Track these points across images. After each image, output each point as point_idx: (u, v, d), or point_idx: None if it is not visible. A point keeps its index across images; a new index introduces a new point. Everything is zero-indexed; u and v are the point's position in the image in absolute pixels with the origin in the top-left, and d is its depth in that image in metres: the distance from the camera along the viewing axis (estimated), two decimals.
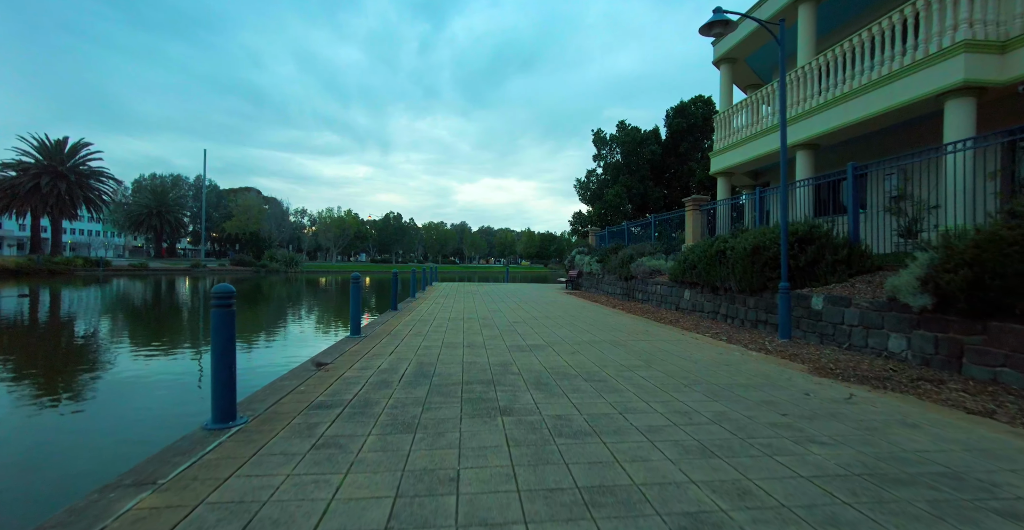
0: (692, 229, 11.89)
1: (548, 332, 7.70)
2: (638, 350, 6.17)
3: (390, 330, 7.78)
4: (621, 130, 26.34)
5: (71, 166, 42.25)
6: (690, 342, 6.87)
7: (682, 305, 10.49)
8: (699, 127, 25.65)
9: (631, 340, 6.97)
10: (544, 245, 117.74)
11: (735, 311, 8.55)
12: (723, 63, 12.86)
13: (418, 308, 11.44)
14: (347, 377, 4.60)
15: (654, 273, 12.69)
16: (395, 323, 8.64)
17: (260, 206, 70.72)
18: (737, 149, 11.98)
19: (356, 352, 5.88)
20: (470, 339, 6.94)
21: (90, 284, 28.41)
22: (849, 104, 8.61)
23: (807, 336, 6.74)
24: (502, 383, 4.39)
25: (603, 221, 25.24)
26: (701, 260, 9.38)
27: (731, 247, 8.44)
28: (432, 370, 4.91)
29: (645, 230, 15.81)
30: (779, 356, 5.87)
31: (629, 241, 16.72)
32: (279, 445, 2.89)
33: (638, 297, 13.02)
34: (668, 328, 8.34)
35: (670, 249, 13.63)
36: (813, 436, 3.06)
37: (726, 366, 5.25)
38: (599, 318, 9.70)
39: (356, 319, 7.13)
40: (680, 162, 26.14)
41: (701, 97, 26.08)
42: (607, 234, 19.26)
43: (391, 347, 6.26)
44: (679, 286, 10.69)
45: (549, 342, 6.73)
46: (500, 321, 9.10)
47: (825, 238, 7.23)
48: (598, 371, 4.92)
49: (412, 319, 9.27)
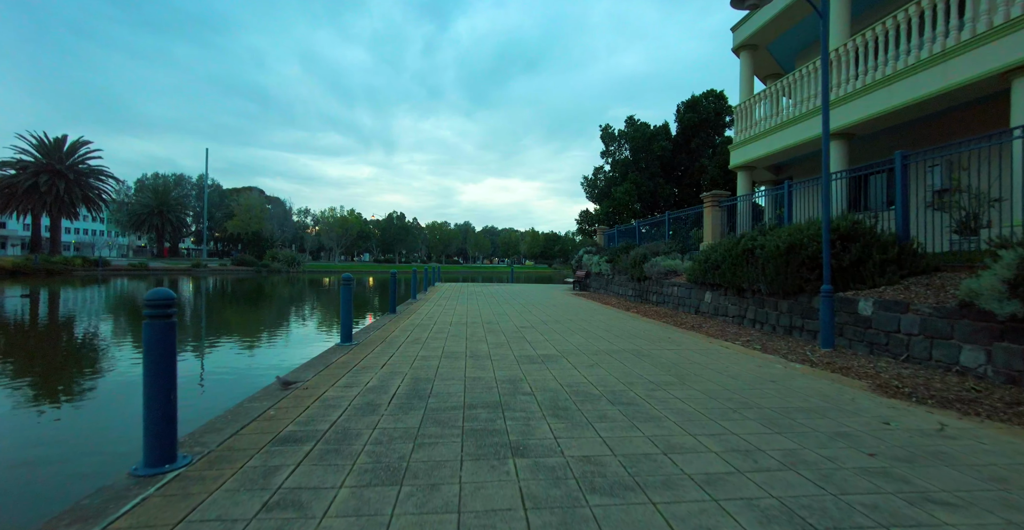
0: (711, 227, 11.13)
1: (560, 339, 6.96)
2: (665, 362, 5.42)
3: (385, 337, 7.06)
4: (630, 126, 25.49)
5: (70, 165, 41.74)
6: (721, 352, 6.11)
7: (702, 308, 9.72)
8: (711, 122, 24.79)
9: (654, 349, 6.22)
10: (548, 245, 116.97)
11: (765, 316, 7.79)
12: (743, 50, 12.08)
13: (418, 311, 10.72)
14: (328, 398, 3.88)
15: (669, 274, 11.93)
16: (392, 328, 7.92)
17: (262, 205, 70.26)
18: (759, 141, 11.20)
19: (343, 364, 5.16)
20: (474, 348, 6.21)
21: (86, 285, 27.87)
22: (893, 87, 7.83)
23: (853, 345, 5.98)
24: (512, 407, 3.66)
25: (611, 220, 24.45)
26: (725, 260, 8.63)
27: (761, 245, 7.67)
28: (429, 388, 4.18)
29: (658, 228, 15.05)
30: (827, 369, 5.11)
31: (640, 240, 15.96)
32: (219, 504, 2.16)
33: (652, 299, 12.27)
34: (692, 335, 7.58)
35: (686, 248, 12.86)
36: (928, 491, 2.31)
37: (772, 383, 4.50)
38: (614, 323, 8.96)
39: (347, 325, 6.41)
40: (691, 158, 25.26)
41: (713, 91, 25.22)
42: (616, 233, 18.50)
43: (384, 358, 5.53)
44: (698, 287, 9.93)
45: (563, 352, 5.99)
46: (506, 326, 8.37)
47: (870, 235, 6.46)
48: (624, 390, 4.18)
49: (411, 324, 8.55)
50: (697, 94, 25.15)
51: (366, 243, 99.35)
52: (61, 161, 41.16)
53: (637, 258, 13.02)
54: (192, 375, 7.25)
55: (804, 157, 11.46)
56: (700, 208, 12.67)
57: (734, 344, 6.75)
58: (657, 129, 25.25)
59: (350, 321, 6.46)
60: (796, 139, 10.07)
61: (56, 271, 33.73)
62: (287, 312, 17.12)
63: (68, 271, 34.76)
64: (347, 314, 6.43)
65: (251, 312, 16.99)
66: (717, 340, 7.05)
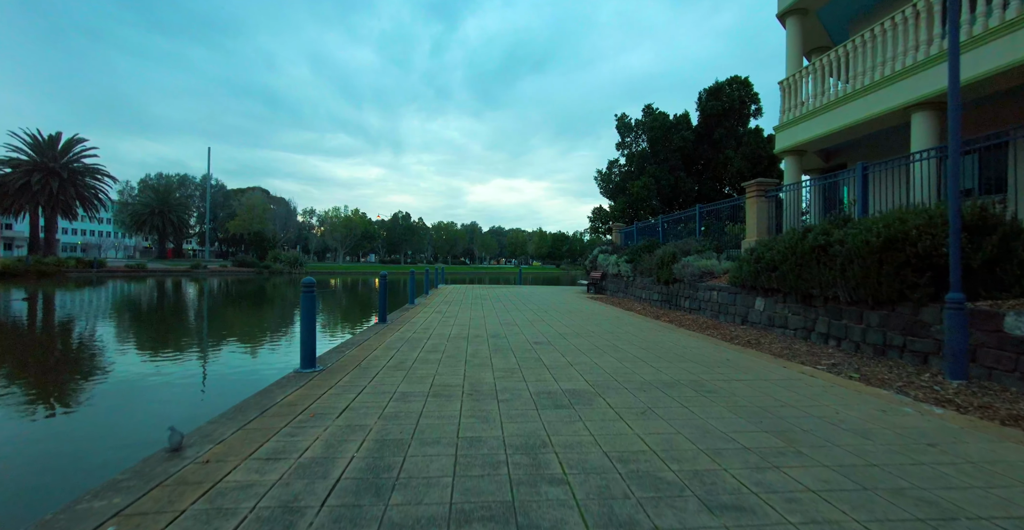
0: (755, 220, 9.49)
1: (588, 362, 5.37)
2: (746, 404, 3.82)
3: (362, 358, 5.51)
4: (647, 115, 23.67)
5: (64, 163, 40.59)
6: (810, 383, 4.50)
7: (752, 317, 8.10)
8: (735, 111, 22.94)
9: (718, 379, 4.61)
10: (556, 245, 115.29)
11: (843, 330, 6.15)
12: (791, 16, 10.42)
13: (414, 319, 9.18)
14: (224, 490, 2.33)
15: (705, 276, 10.31)
16: (374, 345, 6.37)
17: (265, 205, 69.12)
18: (814, 119, 9.52)
19: (287, 408, 3.61)
20: (475, 378, 4.64)
21: (75, 287, 26.64)
22: (1018, 34, 6.15)
23: (996, 376, 4.34)
24: (532, 513, 2.08)
25: (627, 217, 22.72)
26: (786, 259, 7.01)
27: (839, 240, 6.05)
28: (397, 469, 2.61)
29: (685, 224, 13.41)
30: (990, 418, 3.49)
31: (665, 238, 14.33)
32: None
33: (684, 305, 10.64)
34: (753, 355, 5.96)
35: (721, 246, 11.23)
36: None
37: (930, 448, 2.90)
38: (648, 336, 7.35)
39: (309, 346, 4.87)
40: (714, 150, 23.41)
41: (737, 78, 23.34)
42: (635, 230, 16.86)
43: (348, 396, 3.98)
44: (745, 293, 8.31)
45: (596, 384, 4.41)
46: (517, 342, 6.80)
47: (1009, 226, 4.82)
48: (714, 471, 2.59)
49: (400, 338, 7.00)
50: (721, 80, 23.35)
51: (371, 244, 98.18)
52: (55, 159, 39.99)
53: (665, 258, 11.40)
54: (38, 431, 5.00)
55: (867, 139, 9.79)
56: (737, 200, 11.03)
57: (816, 369, 5.13)
58: (677, 119, 23.41)
59: (313, 341, 4.92)
60: (863, 114, 8.41)
61: (48, 273, 32.59)
62: (263, 321, 15.49)
63: (61, 273, 33.62)
64: (309, 332, 4.89)
65: (220, 320, 15.48)
66: (791, 363, 5.43)
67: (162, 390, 6.63)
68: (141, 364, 8.27)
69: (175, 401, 6.19)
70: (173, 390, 6.65)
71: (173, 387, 6.79)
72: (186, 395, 6.48)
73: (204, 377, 7.47)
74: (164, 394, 6.46)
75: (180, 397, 6.35)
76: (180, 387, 6.82)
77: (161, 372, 7.60)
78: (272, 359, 8.71)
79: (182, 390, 6.67)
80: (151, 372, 7.64)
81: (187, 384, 6.99)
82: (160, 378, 7.23)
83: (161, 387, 6.77)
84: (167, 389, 6.68)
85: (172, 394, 6.47)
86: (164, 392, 6.54)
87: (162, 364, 8.22)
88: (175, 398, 6.30)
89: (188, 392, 6.62)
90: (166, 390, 6.64)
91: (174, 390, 6.65)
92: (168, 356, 8.95)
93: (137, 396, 6.39)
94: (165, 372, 7.59)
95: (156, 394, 6.47)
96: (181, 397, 6.36)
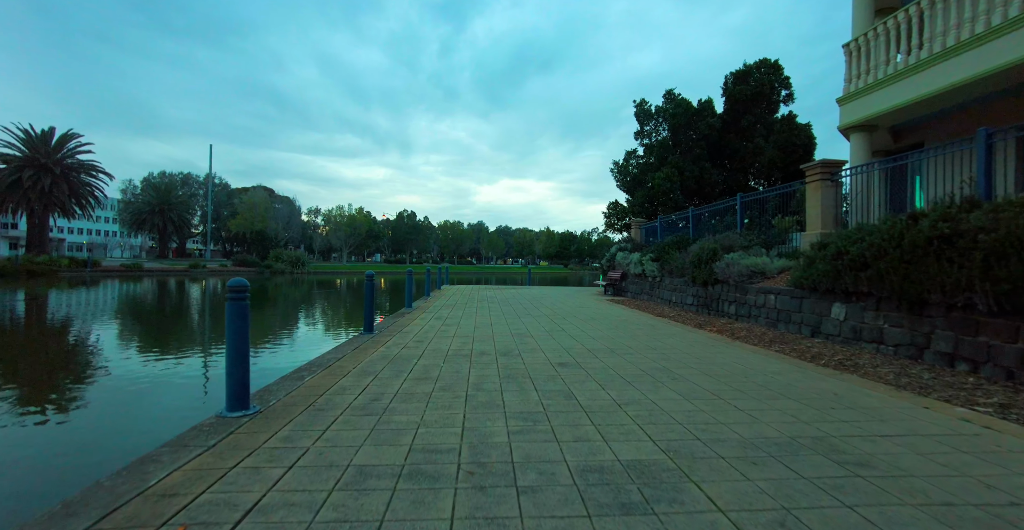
0: (819, 209, 7.84)
1: (642, 401, 3.77)
2: (934, 499, 2.20)
3: (323, 390, 3.94)
4: (669, 101, 21.83)
5: (58, 159, 39.36)
6: (1004, 445, 2.87)
7: (827, 328, 6.46)
8: (765, 97, 21.10)
9: (852, 436, 3.00)
10: (564, 245, 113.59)
11: (985, 351, 4.50)
12: None
13: (409, 327, 7.63)
14: None
15: (754, 276, 8.68)
16: (347, 367, 4.81)
17: (267, 204, 67.89)
18: (896, 85, 7.83)
19: (151, 507, 2.04)
20: (479, 434, 3.06)
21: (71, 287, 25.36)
22: None
23: None
24: None
25: (647, 211, 21.00)
26: (882, 254, 5.39)
27: (983, 227, 4.41)
28: None
29: (720, 218, 11.77)
30: None
31: (696, 233, 12.68)
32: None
33: (728, 310, 9.01)
34: (864, 385, 4.33)
35: (770, 241, 9.60)
36: None
37: None
38: (703, 353, 5.73)
39: (236, 380, 3.32)
40: (742, 139, 21.53)
41: (767, 61, 21.48)
42: (659, 225, 15.21)
43: (269, 476, 2.41)
44: (816, 297, 6.68)
45: (672, 451, 2.80)
46: (535, 363, 5.21)
47: None
48: None
49: (384, 355, 5.44)
50: (750, 62, 21.47)
51: (376, 243, 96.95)
52: (48, 155, 38.73)
53: (703, 255, 9.76)
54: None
55: (956, 110, 8.09)
56: (784, 188, 9.39)
57: (977, 411, 3.49)
58: (701, 105, 21.64)
59: (243, 372, 3.35)
60: (972, 73, 6.73)
61: (39, 272, 31.40)
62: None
63: (52, 272, 32.41)
64: (237, 359, 3.33)
65: (183, 329, 14.02)
66: (930, 400, 3.79)
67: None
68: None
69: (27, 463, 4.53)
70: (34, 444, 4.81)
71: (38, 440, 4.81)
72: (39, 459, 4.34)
73: (94, 422, 5.65)
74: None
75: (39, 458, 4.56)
76: (55, 437, 5.16)
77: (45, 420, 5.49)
78: (199, 393, 6.48)
79: (48, 442, 4.84)
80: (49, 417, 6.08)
81: (59, 436, 4.92)
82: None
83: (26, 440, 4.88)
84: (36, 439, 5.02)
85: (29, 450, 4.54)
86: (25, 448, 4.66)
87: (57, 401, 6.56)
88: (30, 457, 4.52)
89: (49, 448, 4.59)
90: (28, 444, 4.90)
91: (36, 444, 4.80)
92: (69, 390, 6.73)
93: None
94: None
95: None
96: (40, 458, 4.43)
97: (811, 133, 20.15)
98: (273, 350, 9.62)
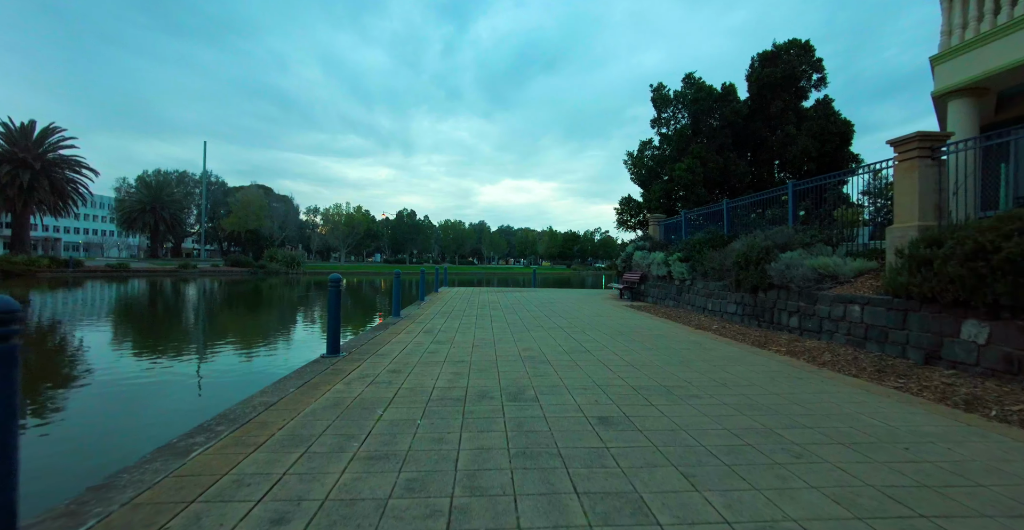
0: (916, 195, 6.08)
1: (775, 516, 2.01)
2: None
3: (205, 485, 2.19)
4: (689, 85, 19.95)
5: (39, 154, 37.56)
6: None
7: (952, 353, 4.71)
8: (795, 81, 19.20)
9: None
10: (567, 245, 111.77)
11: None
12: None
13: (387, 346, 5.91)
14: None
15: (822, 280, 6.95)
16: (269, 429, 3.06)
17: (261, 202, 66.12)
18: None
19: None
20: None
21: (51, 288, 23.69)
22: None
23: None
24: None
25: (664, 207, 19.19)
26: None
27: None
28: None
29: (761, 212, 10.02)
30: None
31: (731, 229, 10.92)
32: None
33: (788, 323, 7.26)
34: None
35: (835, 239, 7.85)
36: None
37: None
38: (801, 396, 3.98)
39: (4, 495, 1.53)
40: (770, 127, 19.60)
41: (796, 41, 19.59)
42: (683, 221, 13.44)
43: None
44: (929, 310, 4.93)
45: None
46: (561, 416, 3.46)
47: None
48: None
49: (334, 401, 3.69)
50: (780, 41, 19.55)
51: (376, 243, 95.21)
52: (27, 149, 36.90)
53: (751, 254, 8.02)
54: None
55: None
56: (840, 174, 7.62)
57: None
58: (726, 88, 19.76)
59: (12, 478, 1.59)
60: None
61: (17, 272, 29.74)
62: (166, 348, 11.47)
63: (31, 273, 30.74)
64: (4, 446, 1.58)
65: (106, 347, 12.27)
66: None
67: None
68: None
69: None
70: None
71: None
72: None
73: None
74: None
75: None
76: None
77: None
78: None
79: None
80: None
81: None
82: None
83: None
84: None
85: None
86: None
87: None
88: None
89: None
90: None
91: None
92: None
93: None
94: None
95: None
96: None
97: (848, 121, 18.34)
98: (193, 383, 6.96)
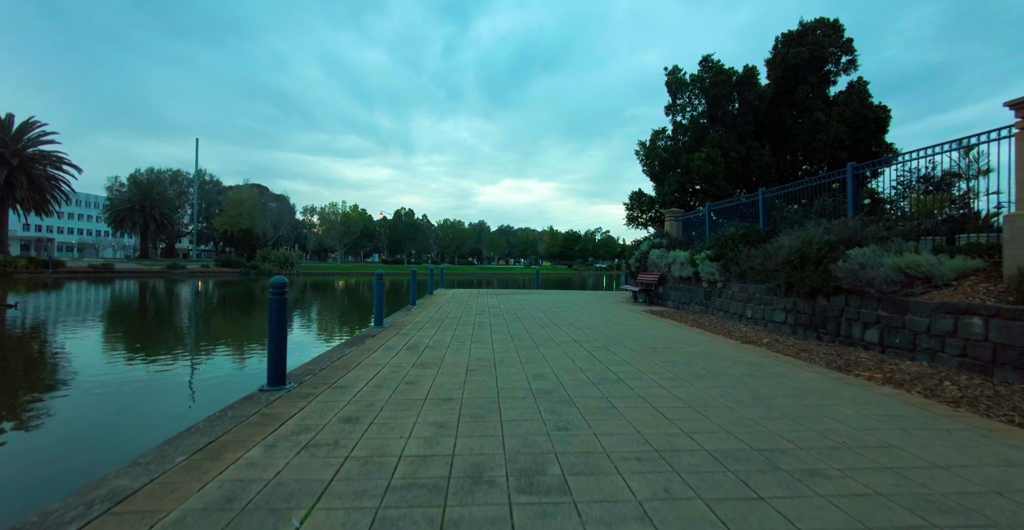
0: None
1: None
2: None
3: None
4: (707, 69, 18.37)
5: (16, 149, 35.94)
6: None
7: None
8: (823, 63, 17.59)
9: None
10: (568, 245, 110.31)
11: None
12: None
13: (353, 371, 4.44)
14: None
15: (909, 283, 5.49)
16: None
17: (255, 201, 64.55)
18: None
19: None
20: None
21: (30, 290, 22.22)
22: None
23: None
24: None
25: (680, 202, 17.66)
26: None
27: None
28: None
29: (809, 201, 8.54)
30: None
31: (766, 223, 9.46)
32: None
33: (865, 337, 5.80)
34: None
35: (911, 232, 6.38)
36: None
37: None
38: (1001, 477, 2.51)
39: None
40: (795, 114, 18.01)
41: (824, 20, 18.04)
42: (707, 215, 11.97)
43: None
44: None
45: None
46: None
47: None
48: None
49: (233, 492, 2.21)
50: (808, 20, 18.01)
51: (373, 242, 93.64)
52: (5, 145, 35.40)
53: (808, 252, 6.56)
54: None
55: None
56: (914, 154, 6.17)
57: None
58: (747, 71, 18.17)
59: None
60: None
61: None
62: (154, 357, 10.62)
63: (7, 274, 29.25)
64: None
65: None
66: None
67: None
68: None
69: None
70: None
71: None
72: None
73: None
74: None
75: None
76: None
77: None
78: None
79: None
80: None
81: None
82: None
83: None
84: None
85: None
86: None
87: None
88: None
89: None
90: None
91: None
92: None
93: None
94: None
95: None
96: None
97: (884, 106, 16.80)
98: (97, 420, 5.43)
